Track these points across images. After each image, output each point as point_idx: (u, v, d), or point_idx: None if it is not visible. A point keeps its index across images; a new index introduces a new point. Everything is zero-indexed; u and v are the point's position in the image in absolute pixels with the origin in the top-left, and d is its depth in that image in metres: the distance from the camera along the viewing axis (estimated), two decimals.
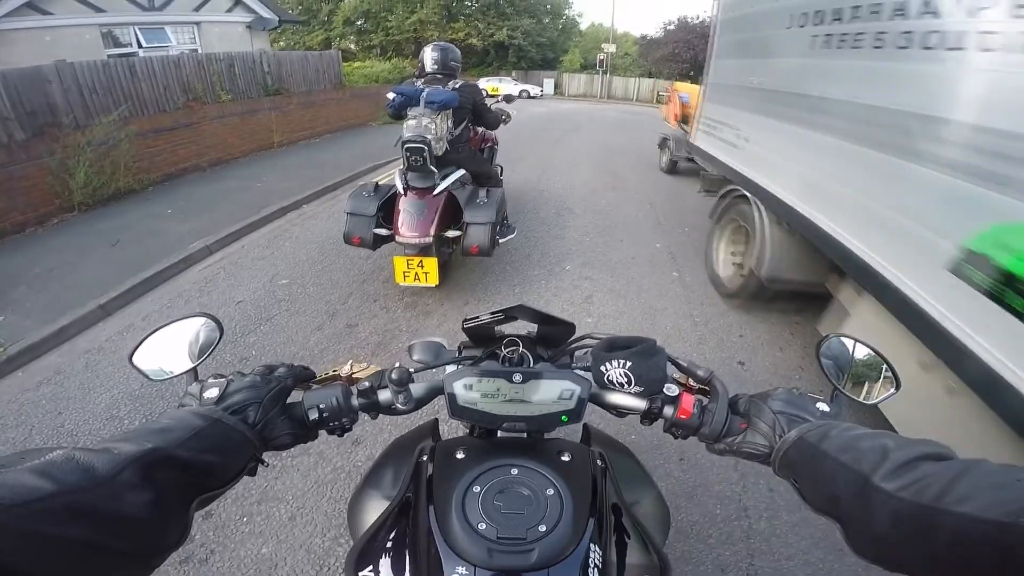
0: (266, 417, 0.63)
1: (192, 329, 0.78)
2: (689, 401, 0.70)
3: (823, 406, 0.65)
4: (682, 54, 28.46)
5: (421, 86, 3.29)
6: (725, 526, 1.94)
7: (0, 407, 2.46)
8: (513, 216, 4.88)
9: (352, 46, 28.44)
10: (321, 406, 0.70)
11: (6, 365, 2.73)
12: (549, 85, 30.36)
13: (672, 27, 29.62)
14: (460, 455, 0.72)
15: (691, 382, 0.76)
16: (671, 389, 0.72)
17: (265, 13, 10.60)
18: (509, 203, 4.20)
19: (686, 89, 7.58)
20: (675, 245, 4.93)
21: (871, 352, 0.79)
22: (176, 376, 0.73)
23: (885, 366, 0.77)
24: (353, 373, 0.79)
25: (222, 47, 8.54)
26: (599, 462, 0.78)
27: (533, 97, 25.98)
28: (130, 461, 0.43)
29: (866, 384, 0.77)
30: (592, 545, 0.63)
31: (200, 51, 8.75)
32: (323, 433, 0.73)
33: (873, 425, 0.60)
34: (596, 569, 0.61)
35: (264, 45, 10.84)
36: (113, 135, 5.24)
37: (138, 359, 0.74)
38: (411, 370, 0.74)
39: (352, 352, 2.90)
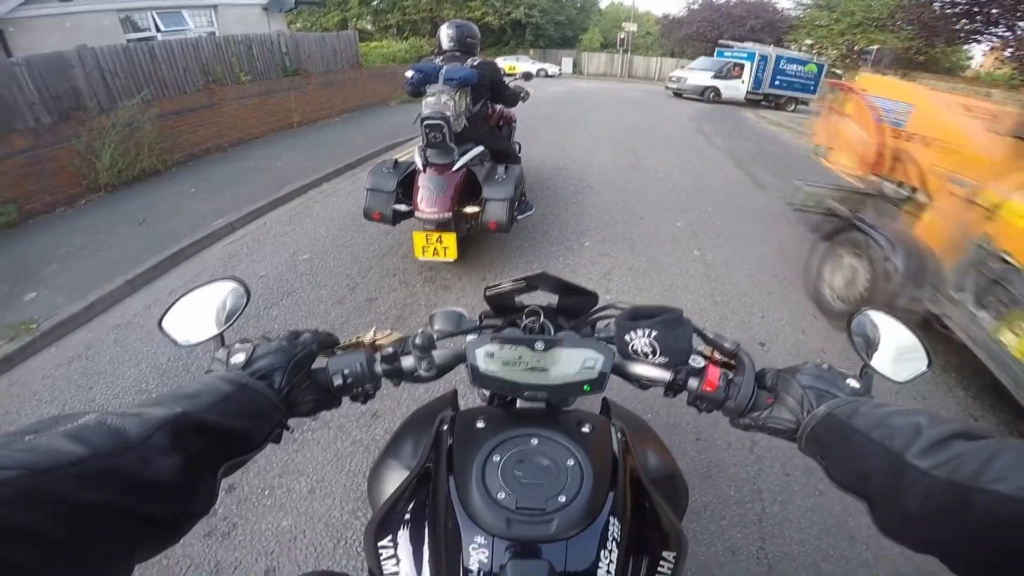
0: (291, 382, 0.64)
1: (219, 293, 0.78)
2: (715, 374, 0.69)
3: (853, 382, 0.64)
4: (707, 34, 27.83)
5: (439, 63, 3.28)
6: (738, 508, 1.93)
7: (35, 383, 2.52)
8: (531, 194, 4.86)
9: (369, 26, 28.29)
10: (345, 372, 0.70)
11: (40, 341, 2.80)
12: (568, 64, 29.88)
13: (696, 6, 28.96)
14: (480, 424, 0.71)
15: (716, 354, 0.74)
16: (696, 360, 0.71)
17: None
18: (527, 181, 4.17)
19: (895, 91, 3.31)
20: (697, 223, 4.85)
21: (903, 328, 0.76)
22: (204, 341, 0.74)
23: (917, 343, 0.74)
24: (376, 340, 0.78)
25: (239, 29, 8.55)
26: (619, 435, 0.76)
27: (551, 76, 25.60)
28: (160, 425, 0.43)
29: (897, 361, 0.74)
30: (611, 518, 0.61)
31: (218, 34, 8.77)
32: (344, 404, 0.73)
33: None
34: (615, 542, 0.60)
35: (281, 27, 10.84)
36: (136, 117, 5.31)
37: (167, 324, 0.75)
38: (434, 336, 0.74)
39: (373, 325, 2.92)
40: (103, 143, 4.93)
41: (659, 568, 0.62)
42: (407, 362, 0.74)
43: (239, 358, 0.63)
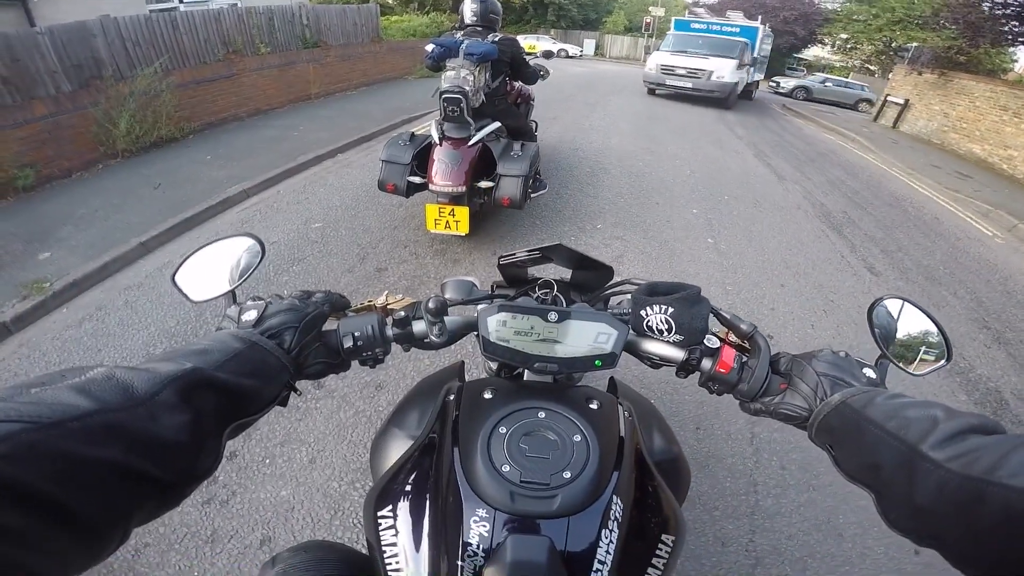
0: (302, 342, 0.63)
1: (233, 249, 0.77)
2: (730, 355, 0.68)
3: (869, 371, 0.62)
4: None
5: (460, 38, 3.24)
6: (732, 499, 1.93)
7: (45, 344, 2.53)
8: (546, 173, 4.82)
9: (390, 0, 28.01)
10: (356, 334, 0.69)
11: (52, 301, 2.82)
12: (589, 46, 29.42)
13: None
14: (488, 395, 0.70)
15: (732, 336, 0.72)
16: (712, 341, 0.70)
17: None
18: (544, 160, 4.13)
19: None
20: (712, 212, 4.78)
21: (925, 319, 0.74)
22: (216, 297, 0.73)
23: (937, 334, 0.72)
24: (388, 304, 0.77)
25: (261, 1, 8.51)
26: (627, 414, 0.75)
27: (572, 57, 25.25)
28: (169, 380, 0.42)
29: (914, 353, 0.72)
30: (614, 497, 0.60)
31: (240, 5, 8.74)
32: (352, 369, 0.72)
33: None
34: (616, 522, 0.58)
35: None
36: (154, 86, 5.33)
37: (180, 279, 0.74)
38: (447, 302, 0.72)
39: (384, 289, 2.93)
40: (121, 110, 4.95)
41: (657, 551, 0.61)
42: (418, 327, 0.73)
43: (251, 315, 0.62)
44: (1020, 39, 10.58)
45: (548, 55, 4.39)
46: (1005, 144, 9.27)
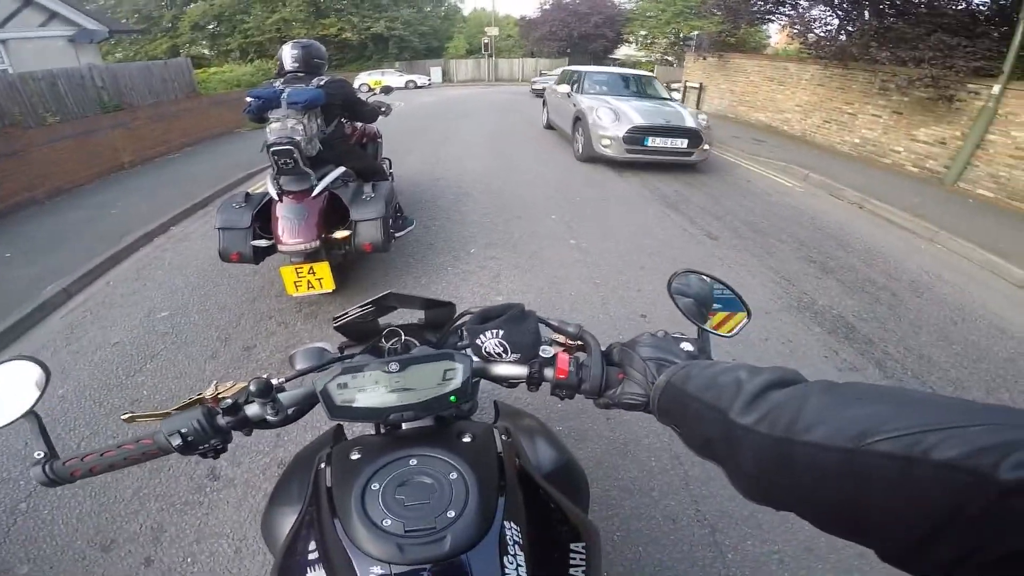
0: None
1: (10, 375, 0.70)
2: (564, 360, 0.69)
3: (687, 346, 0.65)
4: (558, 32, 29.37)
5: (280, 86, 3.07)
6: (663, 477, 1.99)
7: None
8: (411, 208, 4.82)
9: (205, 51, 26.13)
10: (183, 431, 0.65)
11: None
12: (437, 73, 29.96)
13: (548, 7, 30.35)
14: (355, 456, 0.69)
15: (569, 341, 0.75)
16: (546, 351, 0.72)
17: (90, 24, 9.51)
18: (405, 195, 4.09)
19: None
20: (568, 215, 5.10)
21: (716, 283, 0.82)
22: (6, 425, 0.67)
23: (733, 297, 0.80)
24: (218, 393, 0.74)
25: (40, 65, 7.48)
26: (504, 437, 0.76)
27: (421, 87, 25.45)
28: None
29: (722, 317, 0.80)
30: (507, 522, 0.61)
31: (11, 71, 7.62)
32: (245, 459, 0.68)
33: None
34: (517, 545, 0.60)
35: (94, 59, 9.63)
36: None
37: None
38: (274, 380, 0.70)
39: (254, 374, 2.68)
40: None
41: (571, 561, 0.63)
42: (252, 410, 0.70)
43: None
44: (768, 16, 12.62)
45: (387, 90, 4.36)
46: (780, 109, 11.00)
